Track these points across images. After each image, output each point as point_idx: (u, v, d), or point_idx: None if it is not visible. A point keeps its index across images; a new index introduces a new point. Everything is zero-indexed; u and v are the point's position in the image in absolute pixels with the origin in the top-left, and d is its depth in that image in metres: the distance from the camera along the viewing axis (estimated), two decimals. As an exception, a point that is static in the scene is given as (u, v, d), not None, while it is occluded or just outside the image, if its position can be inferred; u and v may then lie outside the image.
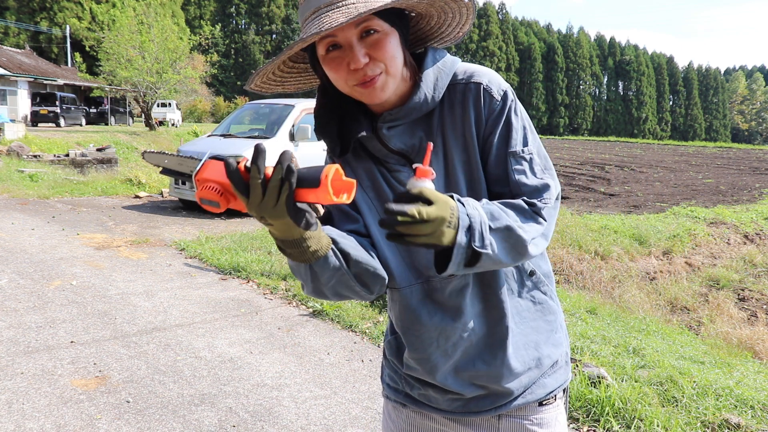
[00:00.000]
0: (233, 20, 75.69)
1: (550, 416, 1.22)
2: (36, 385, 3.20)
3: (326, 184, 0.85)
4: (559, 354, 1.22)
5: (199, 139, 11.11)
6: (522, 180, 1.07)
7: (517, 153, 1.08)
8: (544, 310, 1.20)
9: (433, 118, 1.12)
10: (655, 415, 2.81)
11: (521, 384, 1.17)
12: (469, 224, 0.94)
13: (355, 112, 1.13)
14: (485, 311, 1.15)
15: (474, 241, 0.95)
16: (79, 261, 5.84)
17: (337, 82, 1.06)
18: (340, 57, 1.03)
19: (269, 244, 6.56)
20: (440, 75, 1.10)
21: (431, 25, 1.14)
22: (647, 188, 15.66)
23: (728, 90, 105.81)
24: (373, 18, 1.01)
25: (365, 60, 1.01)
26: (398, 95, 1.10)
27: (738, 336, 5.63)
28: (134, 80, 23.58)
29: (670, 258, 8.39)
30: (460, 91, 1.11)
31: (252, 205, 0.87)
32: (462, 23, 1.12)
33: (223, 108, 50.70)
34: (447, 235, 0.92)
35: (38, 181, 11.47)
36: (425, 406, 1.24)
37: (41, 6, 43.49)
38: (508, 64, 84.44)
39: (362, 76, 1.02)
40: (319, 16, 1.00)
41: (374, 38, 1.02)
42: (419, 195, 0.89)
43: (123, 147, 19.19)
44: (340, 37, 1.02)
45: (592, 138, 63.22)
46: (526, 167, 1.08)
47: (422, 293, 1.16)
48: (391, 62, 1.03)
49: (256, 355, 3.75)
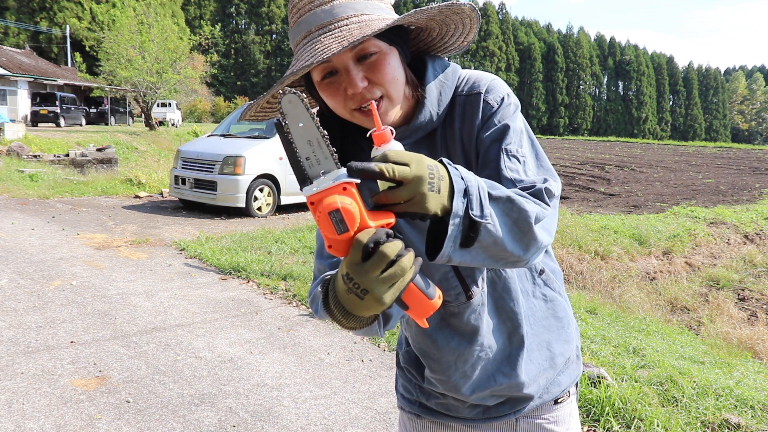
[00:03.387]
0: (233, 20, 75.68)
1: (565, 413, 1.22)
2: (36, 385, 3.20)
3: (437, 305, 0.79)
4: (571, 350, 1.22)
5: (199, 139, 11.11)
6: (516, 177, 0.97)
7: (510, 151, 0.99)
8: (555, 307, 1.19)
9: (436, 135, 1.07)
10: (655, 415, 2.80)
11: (539, 386, 1.17)
12: (465, 188, 0.81)
13: (356, 135, 1.07)
14: (500, 324, 1.13)
15: (472, 209, 0.81)
16: (79, 261, 5.84)
17: (336, 108, 1.01)
18: (337, 82, 0.97)
19: (269, 244, 6.56)
20: (443, 89, 1.05)
21: (433, 36, 1.07)
22: (647, 188, 15.65)
23: (728, 90, 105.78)
24: (369, 39, 0.95)
25: (363, 84, 0.95)
26: (401, 115, 1.04)
27: (738, 336, 5.63)
28: (134, 80, 23.56)
29: (670, 258, 8.39)
30: (460, 104, 1.06)
31: (360, 272, 0.77)
32: (466, 33, 1.05)
33: (223, 108, 50.69)
34: (431, 200, 0.78)
35: (38, 181, 11.47)
36: (443, 415, 1.22)
37: (41, 6, 43.47)
38: (508, 64, 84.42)
39: (360, 100, 0.96)
40: (311, 41, 0.94)
41: (372, 60, 0.96)
42: (384, 158, 0.78)
43: (123, 147, 19.18)
44: (335, 62, 0.96)
45: (592, 138, 63.20)
46: (520, 167, 0.99)
47: (438, 318, 1.12)
48: (391, 85, 0.97)
49: (256, 355, 3.75)
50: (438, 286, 0.99)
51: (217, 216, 8.88)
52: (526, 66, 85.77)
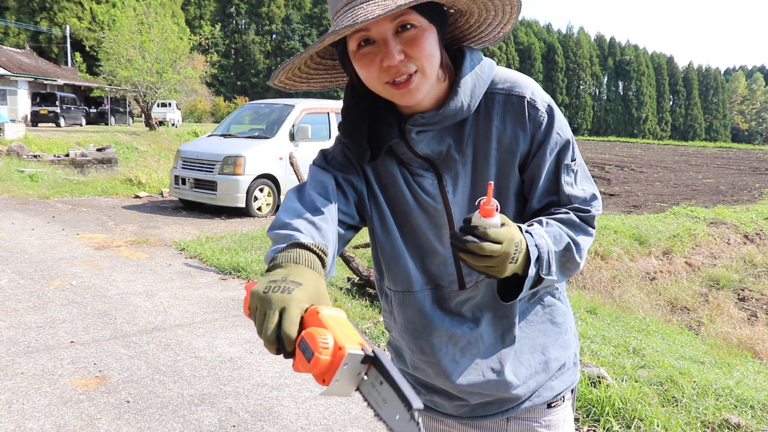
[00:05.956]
0: (233, 20, 75.72)
1: (558, 417, 1.21)
2: (36, 385, 3.20)
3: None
4: (567, 356, 1.21)
5: (199, 139, 11.11)
6: (572, 192, 1.08)
7: (569, 166, 1.07)
8: (553, 312, 1.18)
9: (465, 126, 1.06)
10: (655, 415, 2.80)
11: (528, 389, 1.16)
12: (538, 255, 0.96)
13: (385, 112, 1.06)
14: (496, 321, 1.14)
15: (542, 270, 0.97)
16: (79, 261, 5.84)
17: (368, 80, 0.99)
18: (373, 53, 0.96)
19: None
20: (478, 81, 1.03)
21: (470, 23, 1.06)
22: (647, 188, 15.66)
23: (728, 90, 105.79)
24: (411, 12, 0.94)
25: (400, 57, 0.94)
26: (432, 97, 1.03)
27: (738, 336, 5.63)
28: (134, 80, 23.56)
29: (670, 258, 8.39)
30: (499, 101, 1.05)
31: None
32: (504, 23, 1.04)
33: (223, 108, 50.74)
34: (508, 270, 0.93)
35: (38, 181, 11.47)
36: (432, 411, 1.23)
37: (41, 6, 43.49)
38: (508, 64, 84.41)
39: (395, 73, 0.95)
40: (353, 8, 0.92)
41: (411, 34, 0.95)
42: (484, 235, 0.89)
43: (123, 147, 19.19)
44: (373, 32, 0.94)
45: (592, 138, 63.19)
46: (574, 179, 1.08)
47: (432, 298, 1.14)
48: (427, 61, 0.96)
49: (256, 355, 3.75)
50: (434, 270, 1.13)
51: (217, 216, 8.89)
52: (526, 66, 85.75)
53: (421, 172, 1.09)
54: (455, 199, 1.09)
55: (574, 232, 1.05)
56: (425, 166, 1.08)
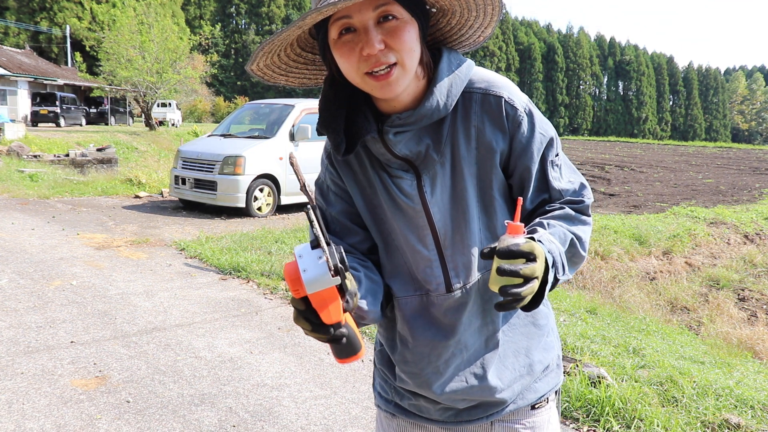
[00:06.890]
0: (233, 20, 75.68)
1: (543, 419, 1.21)
2: (36, 385, 3.20)
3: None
4: (551, 358, 1.21)
5: (199, 139, 11.11)
6: (561, 186, 1.10)
7: (554, 161, 1.09)
8: (535, 315, 1.18)
9: (443, 126, 1.06)
10: (655, 415, 2.80)
11: (513, 392, 1.16)
12: (553, 261, 0.97)
13: (363, 106, 1.06)
14: (483, 326, 1.13)
15: (558, 273, 0.99)
16: (79, 261, 5.84)
17: (348, 70, 0.99)
18: (354, 41, 0.96)
19: (269, 244, 6.57)
20: (455, 81, 1.03)
21: (452, 24, 1.06)
22: (647, 188, 15.66)
23: (728, 90, 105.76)
24: (394, 3, 0.95)
25: (380, 46, 0.94)
26: (410, 94, 1.03)
27: (738, 336, 5.63)
28: (134, 80, 23.55)
29: (670, 258, 8.39)
30: (477, 101, 1.06)
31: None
32: (485, 25, 1.05)
33: (223, 108, 50.69)
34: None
35: (38, 181, 11.47)
36: (416, 416, 1.22)
37: (41, 6, 43.45)
38: (508, 64, 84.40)
39: (374, 63, 0.95)
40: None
41: (392, 24, 0.95)
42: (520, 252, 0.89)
43: (123, 147, 19.18)
44: (355, 19, 0.95)
45: (592, 138, 63.21)
46: (560, 173, 1.10)
47: (419, 306, 1.13)
48: (407, 54, 0.96)
49: (256, 355, 3.75)
50: (421, 273, 1.12)
51: (217, 216, 8.89)
52: (526, 66, 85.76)
53: (400, 173, 1.08)
54: (433, 199, 1.08)
55: (574, 227, 1.06)
56: (404, 167, 1.08)
